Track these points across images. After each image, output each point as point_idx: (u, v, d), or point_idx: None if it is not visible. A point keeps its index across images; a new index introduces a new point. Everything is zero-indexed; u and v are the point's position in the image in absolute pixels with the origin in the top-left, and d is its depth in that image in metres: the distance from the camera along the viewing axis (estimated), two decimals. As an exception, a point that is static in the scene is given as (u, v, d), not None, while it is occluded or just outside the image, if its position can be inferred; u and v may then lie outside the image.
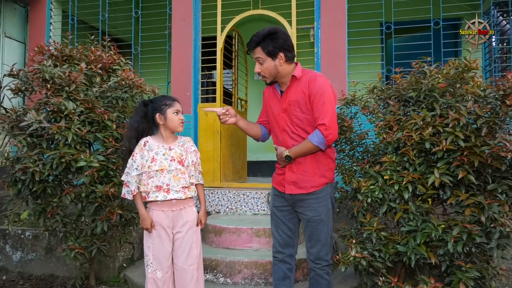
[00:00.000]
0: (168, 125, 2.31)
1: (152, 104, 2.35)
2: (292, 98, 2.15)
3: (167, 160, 2.28)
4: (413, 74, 2.36)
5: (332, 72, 4.02)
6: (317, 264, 2.20)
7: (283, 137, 2.21)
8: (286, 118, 2.18)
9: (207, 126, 4.41)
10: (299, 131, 2.15)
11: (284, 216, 2.29)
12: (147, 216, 2.26)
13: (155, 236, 2.29)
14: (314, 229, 2.18)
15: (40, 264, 3.69)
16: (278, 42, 2.07)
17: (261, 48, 2.08)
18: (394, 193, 2.20)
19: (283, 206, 2.29)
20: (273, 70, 2.12)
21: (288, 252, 2.31)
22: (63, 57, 2.84)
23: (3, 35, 5.00)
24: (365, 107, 2.49)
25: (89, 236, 2.86)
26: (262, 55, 2.09)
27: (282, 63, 2.10)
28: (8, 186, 2.74)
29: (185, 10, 4.51)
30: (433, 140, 2.05)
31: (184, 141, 2.42)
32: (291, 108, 2.15)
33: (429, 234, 2.06)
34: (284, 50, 2.09)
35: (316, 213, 2.16)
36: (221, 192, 4.12)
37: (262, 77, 2.19)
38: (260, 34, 2.09)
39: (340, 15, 4.07)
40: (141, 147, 2.29)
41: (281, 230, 2.30)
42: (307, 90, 2.09)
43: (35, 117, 2.46)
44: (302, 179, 2.16)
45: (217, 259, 3.12)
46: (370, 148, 2.62)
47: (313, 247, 2.20)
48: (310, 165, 2.16)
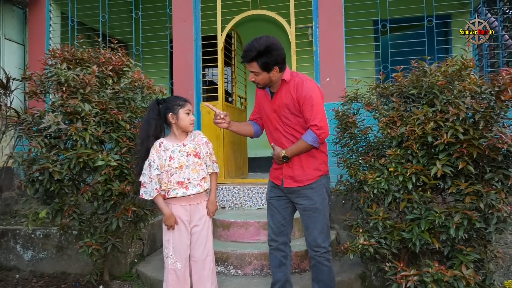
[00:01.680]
0: (179, 125, 2.43)
1: (165, 103, 2.46)
2: (282, 101, 2.31)
3: (183, 156, 2.41)
4: (414, 72, 2.51)
5: (330, 70, 4.17)
6: (316, 252, 2.36)
7: (277, 135, 2.39)
8: (277, 118, 2.36)
9: (210, 124, 4.51)
10: (291, 131, 2.32)
11: (280, 206, 2.46)
12: (171, 214, 2.38)
13: (175, 229, 2.41)
14: (310, 217, 2.34)
15: (52, 262, 3.78)
16: (273, 58, 2.17)
17: (257, 63, 2.19)
18: (398, 184, 2.36)
19: (279, 197, 2.46)
20: (267, 80, 2.28)
21: (282, 240, 2.48)
22: (75, 60, 2.92)
23: (2, 37, 5.02)
24: (369, 104, 2.64)
25: (104, 233, 2.95)
26: (257, 69, 2.21)
27: (275, 74, 2.25)
28: (24, 187, 2.81)
29: (185, 10, 4.60)
30: (434, 134, 2.20)
31: (194, 135, 2.55)
32: (281, 110, 2.32)
33: (432, 221, 2.22)
34: (278, 64, 2.21)
35: (312, 201, 2.33)
36: (225, 188, 4.25)
37: (256, 83, 2.33)
38: (256, 49, 2.15)
39: (337, 14, 4.21)
40: (157, 148, 2.41)
41: (276, 219, 2.47)
42: (295, 94, 2.24)
43: (53, 119, 2.54)
44: (298, 173, 2.33)
45: (228, 251, 3.25)
46: (373, 142, 2.77)
47: (310, 234, 2.36)
48: (305, 160, 2.33)
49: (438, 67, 2.48)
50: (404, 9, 4.61)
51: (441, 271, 2.10)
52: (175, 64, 4.60)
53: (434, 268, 2.13)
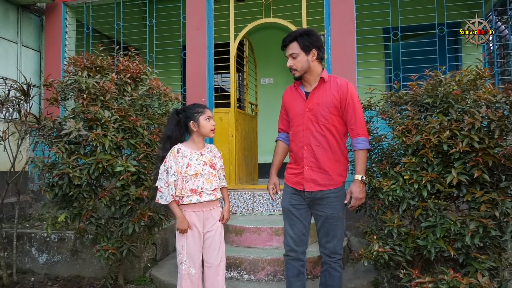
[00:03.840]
0: (201, 132, 2.49)
1: (185, 112, 2.51)
2: (321, 99, 2.32)
3: (200, 165, 2.45)
4: (428, 81, 2.55)
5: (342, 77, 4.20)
6: (332, 258, 2.37)
7: (305, 134, 2.36)
8: (311, 117, 2.34)
9: (222, 131, 4.58)
10: (323, 130, 2.31)
11: (301, 214, 2.42)
12: (184, 219, 2.42)
13: (189, 235, 2.44)
14: (332, 225, 2.33)
15: (66, 265, 3.83)
16: (313, 40, 2.30)
17: (298, 42, 2.29)
18: (413, 192, 2.38)
19: (300, 204, 2.42)
20: (305, 64, 2.31)
21: (302, 250, 2.45)
22: (95, 68, 2.99)
23: (20, 44, 5.14)
24: (384, 112, 2.67)
25: (119, 237, 3.01)
26: (297, 50, 2.29)
27: (313, 59, 2.31)
28: (44, 191, 2.88)
29: (199, 19, 4.68)
30: (450, 142, 2.23)
31: (211, 148, 2.62)
32: (319, 108, 2.32)
33: (447, 229, 2.25)
34: (317, 48, 2.31)
35: (335, 210, 2.32)
36: (237, 194, 4.29)
37: (292, 70, 2.36)
38: (298, 31, 2.34)
39: (349, 23, 4.26)
40: (175, 154, 2.44)
41: (297, 228, 2.42)
42: (338, 95, 2.29)
43: (75, 125, 2.61)
44: (322, 177, 2.32)
45: (241, 257, 3.29)
46: (387, 150, 2.80)
47: (329, 242, 2.36)
48: (329, 164, 2.32)
49: (453, 76, 2.51)
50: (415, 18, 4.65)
51: (457, 278, 2.12)
52: (188, 71, 4.67)
53: (449, 276, 2.15)
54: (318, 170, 2.33)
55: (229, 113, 4.59)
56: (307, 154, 2.35)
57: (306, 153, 2.35)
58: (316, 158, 2.33)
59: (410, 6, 4.51)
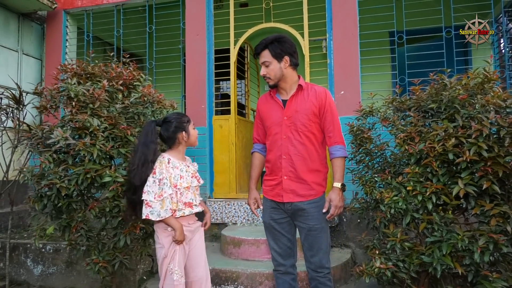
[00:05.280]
0: (189, 141, 2.36)
1: (170, 123, 2.32)
2: (300, 106, 2.25)
3: (189, 177, 2.33)
4: (432, 85, 2.39)
5: (345, 83, 4.07)
6: (319, 273, 2.23)
7: (283, 143, 2.26)
8: (290, 125, 2.26)
9: (222, 138, 4.46)
10: (302, 138, 2.23)
11: (283, 228, 2.32)
12: (182, 229, 2.27)
13: (177, 246, 2.30)
14: (315, 238, 2.21)
15: (61, 277, 3.74)
16: (284, 46, 2.22)
17: (269, 50, 2.23)
18: (417, 204, 2.22)
19: (281, 218, 2.32)
20: (278, 72, 2.24)
21: (290, 263, 2.35)
22: (86, 75, 2.91)
23: (21, 52, 5.12)
24: (385, 119, 2.52)
25: (111, 249, 2.89)
26: (268, 58, 2.23)
27: (286, 66, 2.24)
28: (33, 202, 2.79)
29: (198, 24, 4.60)
30: (456, 151, 2.07)
31: (189, 159, 2.49)
32: (298, 115, 2.24)
33: (454, 245, 2.07)
34: (289, 54, 2.24)
35: (317, 221, 2.21)
36: (237, 204, 4.15)
37: (266, 79, 2.29)
38: (269, 38, 2.25)
39: (352, 26, 4.13)
40: (166, 164, 2.26)
41: (281, 242, 2.33)
42: (317, 102, 2.23)
43: (62, 134, 2.51)
44: (301, 187, 2.23)
45: (238, 271, 3.14)
46: (390, 159, 2.64)
47: (314, 255, 2.23)
48: (308, 174, 2.23)
49: (459, 80, 2.35)
50: (421, 20, 4.49)
51: (466, 299, 1.95)
52: (187, 78, 4.58)
53: (457, 296, 1.98)
54: (297, 180, 2.23)
55: (229, 120, 4.48)
56: (286, 164, 2.25)
57: (284, 162, 2.25)
58: (294, 168, 2.23)
59: (415, 8, 4.36)
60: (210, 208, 4.22)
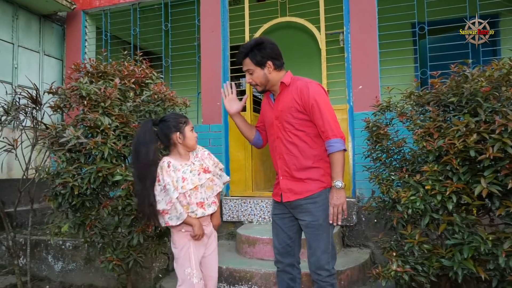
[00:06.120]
0: (186, 144, 2.27)
1: (166, 123, 2.28)
2: (283, 105, 2.17)
3: (195, 176, 2.26)
4: (453, 78, 2.25)
5: (364, 77, 3.93)
6: (319, 276, 2.13)
7: (277, 144, 2.23)
8: (279, 125, 2.21)
9: (238, 136, 4.41)
10: (291, 137, 2.16)
11: (285, 224, 2.26)
12: (200, 224, 2.23)
13: (192, 246, 2.27)
14: (312, 235, 2.13)
15: (80, 274, 3.80)
16: (265, 52, 2.13)
17: (250, 58, 2.15)
18: (437, 204, 2.09)
19: (283, 214, 2.27)
20: (263, 79, 2.17)
21: (288, 262, 2.28)
22: (98, 74, 2.92)
23: (42, 53, 5.24)
24: (403, 114, 2.40)
25: (126, 247, 2.90)
26: (251, 66, 2.16)
27: (271, 71, 2.16)
28: (48, 200, 2.83)
29: (213, 21, 4.56)
30: (478, 147, 1.93)
31: (195, 151, 2.38)
32: (283, 114, 2.17)
33: (477, 248, 1.94)
34: (272, 58, 2.15)
35: (314, 217, 2.11)
36: (253, 202, 4.10)
37: (253, 85, 2.23)
38: (247, 45, 2.16)
39: (371, 18, 3.97)
40: (166, 169, 2.19)
41: (280, 238, 2.28)
42: (299, 98, 2.12)
43: (73, 133, 2.53)
44: (297, 185, 2.16)
45: (252, 270, 3.09)
46: (408, 156, 2.51)
47: (313, 255, 2.14)
48: (303, 172, 2.15)
49: (482, 71, 2.20)
50: (445, 10, 4.28)
51: (489, 306, 1.82)
52: (203, 75, 4.56)
53: (480, 302, 1.85)
54: (292, 179, 2.17)
55: (245, 117, 4.40)
56: (281, 164, 2.21)
57: (280, 162, 2.22)
58: (288, 167, 2.17)
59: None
60: (226, 206, 4.19)
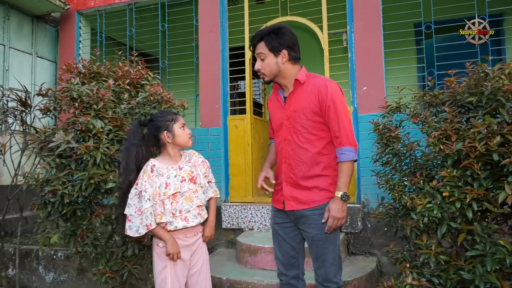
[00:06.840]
0: (177, 142, 2.09)
1: (153, 123, 2.12)
2: (298, 105, 1.98)
3: (178, 182, 2.05)
4: (471, 76, 2.10)
5: (368, 78, 3.79)
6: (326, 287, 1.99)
7: (283, 146, 2.03)
8: (289, 127, 2.01)
9: (237, 139, 4.25)
10: (302, 141, 1.97)
11: (287, 234, 2.08)
12: (175, 241, 2.02)
13: (172, 265, 2.05)
14: (320, 248, 1.97)
15: (72, 285, 3.62)
16: (283, 39, 1.96)
17: (265, 42, 1.97)
18: (455, 212, 1.93)
19: (285, 223, 2.09)
20: (274, 67, 1.99)
21: (292, 274, 2.10)
22: (90, 74, 2.76)
23: (35, 55, 5.07)
24: (416, 115, 2.24)
25: (120, 258, 2.73)
26: (264, 50, 1.98)
27: (284, 61, 1.99)
28: (37, 208, 2.66)
29: (212, 21, 4.41)
30: (501, 150, 1.78)
31: (189, 155, 2.21)
32: (296, 115, 1.98)
33: (501, 260, 1.78)
34: (288, 47, 1.97)
35: (321, 230, 1.95)
36: (254, 208, 3.93)
37: (261, 74, 2.04)
38: (265, 29, 2.00)
39: (375, 17, 3.84)
40: (149, 173, 2.01)
41: (283, 249, 2.10)
42: (316, 98, 1.94)
43: (63, 137, 2.36)
44: (303, 194, 1.97)
45: (254, 282, 2.92)
46: (420, 160, 2.36)
47: (320, 267, 1.99)
48: (310, 180, 1.96)
49: (501, 69, 2.05)
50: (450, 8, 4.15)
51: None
52: (201, 76, 4.40)
53: (506, 320, 1.69)
54: (297, 186, 1.97)
55: (245, 120, 4.26)
56: (286, 169, 2.01)
57: (284, 167, 2.01)
58: (294, 174, 1.97)
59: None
60: (226, 212, 4.02)
